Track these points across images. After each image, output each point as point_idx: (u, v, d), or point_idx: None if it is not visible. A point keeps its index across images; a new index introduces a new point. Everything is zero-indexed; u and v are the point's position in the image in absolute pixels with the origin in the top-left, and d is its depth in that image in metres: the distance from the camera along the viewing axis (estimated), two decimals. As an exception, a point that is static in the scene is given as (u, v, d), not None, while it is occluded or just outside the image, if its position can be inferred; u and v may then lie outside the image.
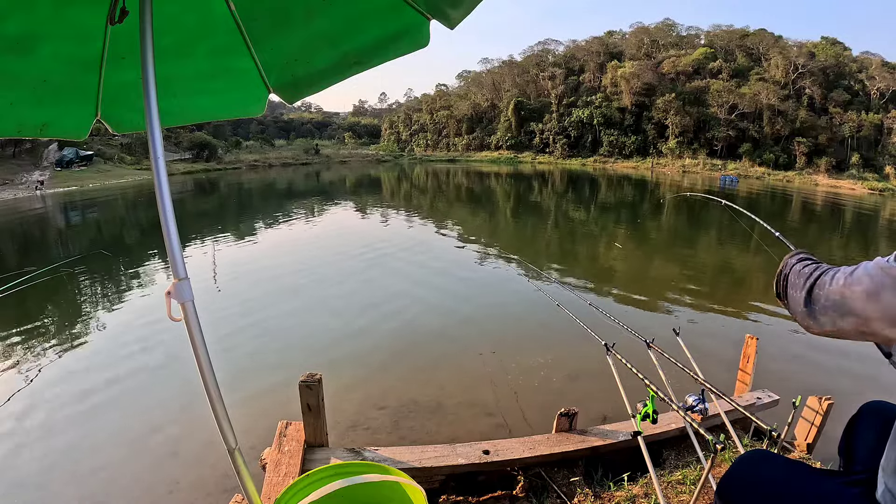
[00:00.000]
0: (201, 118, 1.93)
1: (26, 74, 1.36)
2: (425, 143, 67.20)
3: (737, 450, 2.21)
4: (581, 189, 28.82)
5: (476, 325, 6.10)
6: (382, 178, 36.34)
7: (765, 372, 3.48)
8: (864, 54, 47.72)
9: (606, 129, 51.53)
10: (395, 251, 10.29)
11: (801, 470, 1.09)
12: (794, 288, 0.94)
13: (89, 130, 1.64)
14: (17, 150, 30.39)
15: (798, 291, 0.91)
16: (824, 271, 0.88)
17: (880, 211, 23.49)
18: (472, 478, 2.69)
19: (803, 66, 45.13)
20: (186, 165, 39.80)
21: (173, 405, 4.19)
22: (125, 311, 6.65)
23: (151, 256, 10.01)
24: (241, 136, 60.15)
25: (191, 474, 3.33)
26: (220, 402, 1.18)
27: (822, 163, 40.27)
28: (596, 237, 13.37)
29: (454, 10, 1.35)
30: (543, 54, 61.64)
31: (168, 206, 1.12)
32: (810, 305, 0.87)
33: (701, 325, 6.31)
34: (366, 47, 1.55)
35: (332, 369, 4.55)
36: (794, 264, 0.99)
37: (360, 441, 3.61)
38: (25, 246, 12.36)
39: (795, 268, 0.97)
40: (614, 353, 2.63)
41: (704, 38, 55.53)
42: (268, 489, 2.27)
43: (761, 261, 10.86)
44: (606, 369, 2.65)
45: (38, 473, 3.38)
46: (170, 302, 1.12)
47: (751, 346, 3.32)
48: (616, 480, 2.58)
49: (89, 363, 5.08)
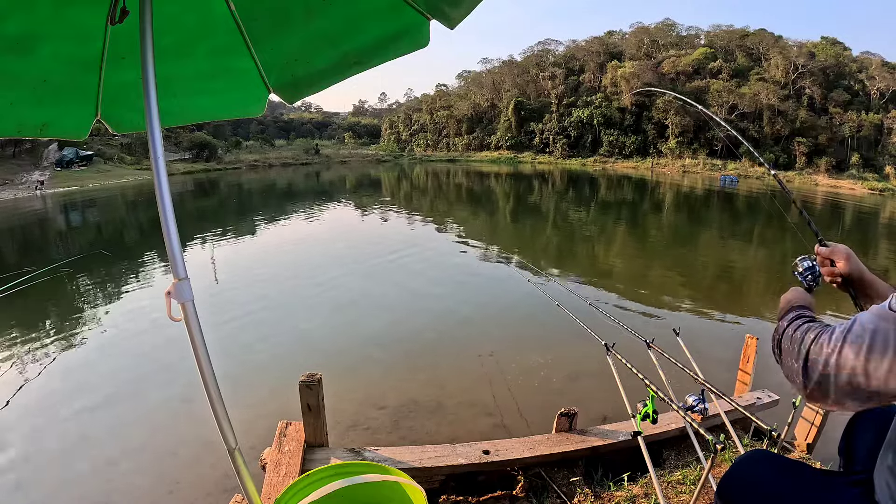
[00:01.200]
0: (201, 118, 1.93)
1: (26, 74, 1.36)
2: (425, 143, 67.17)
3: (737, 450, 2.21)
4: (581, 189, 28.82)
5: (476, 325, 6.10)
6: (382, 179, 36.33)
7: (765, 372, 3.47)
8: (864, 54, 47.73)
9: (606, 129, 51.52)
10: (395, 251, 10.29)
11: (801, 470, 1.09)
12: (788, 356, 0.83)
13: (89, 130, 1.64)
14: (17, 150, 30.39)
15: (794, 361, 0.81)
16: (818, 334, 0.78)
17: (880, 211, 23.50)
18: (472, 478, 2.69)
19: (803, 66, 45.12)
20: (186, 165, 39.79)
21: (173, 405, 4.19)
22: (125, 311, 6.65)
23: (151, 256, 10.01)
24: (241, 136, 60.15)
25: (191, 474, 3.33)
26: (220, 401, 1.18)
27: (822, 163, 40.27)
28: (596, 237, 13.37)
29: (454, 10, 1.35)
30: (543, 54, 61.63)
31: (168, 206, 1.12)
32: (807, 378, 0.77)
33: (701, 324, 6.31)
34: (366, 47, 1.55)
35: (332, 369, 4.55)
36: (785, 327, 0.89)
37: (360, 441, 3.61)
38: (25, 246, 12.36)
39: (787, 332, 0.87)
40: (614, 353, 2.63)
41: (704, 38, 55.52)
42: (268, 489, 2.27)
43: (762, 259, 10.86)
44: (606, 369, 2.65)
45: (38, 474, 3.37)
46: (170, 302, 1.12)
47: (751, 346, 3.32)
48: (616, 480, 2.58)
49: (89, 363, 5.08)
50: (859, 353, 0.69)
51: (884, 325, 0.69)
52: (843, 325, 0.74)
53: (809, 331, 0.81)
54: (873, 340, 0.69)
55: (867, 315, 0.72)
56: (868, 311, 0.73)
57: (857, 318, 0.73)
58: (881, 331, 0.69)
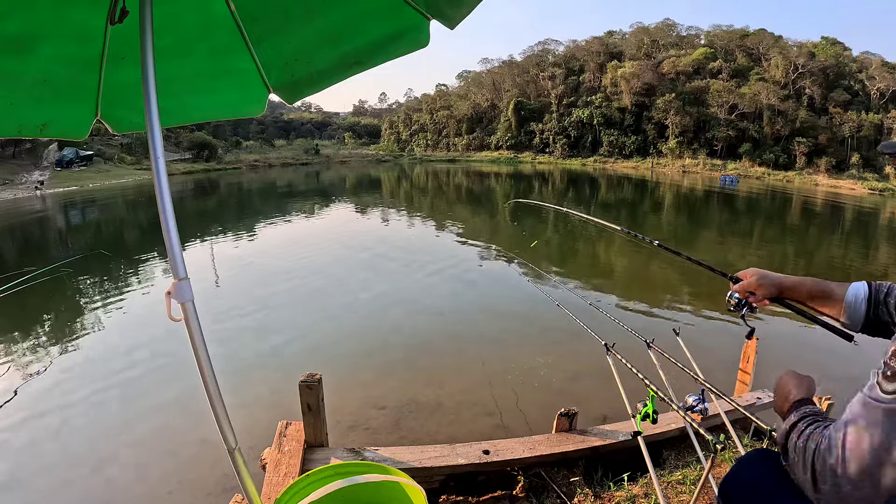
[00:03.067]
0: (201, 118, 1.93)
1: (26, 74, 1.36)
2: (425, 143, 67.16)
3: (737, 450, 2.20)
4: (581, 189, 28.82)
5: (476, 325, 6.10)
6: (382, 178, 36.34)
7: (765, 372, 3.47)
8: (864, 54, 47.74)
9: (606, 129, 51.53)
10: (395, 251, 10.30)
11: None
12: (796, 467, 0.82)
13: (89, 130, 1.64)
14: (17, 150, 30.39)
15: (802, 473, 0.80)
16: (818, 444, 0.78)
17: (880, 211, 23.49)
18: (472, 478, 2.69)
19: (803, 66, 45.12)
20: (186, 165, 39.79)
21: (173, 405, 4.19)
22: (125, 312, 6.65)
23: (151, 256, 10.01)
24: (241, 136, 60.14)
25: (191, 474, 3.33)
26: (220, 401, 1.18)
27: (822, 163, 40.28)
28: (596, 237, 13.36)
29: (454, 10, 1.35)
30: (543, 54, 61.63)
31: (168, 206, 1.12)
32: (818, 491, 0.76)
33: (701, 324, 6.31)
34: (366, 47, 1.55)
35: (332, 369, 4.55)
36: (788, 433, 0.88)
37: (360, 441, 3.61)
38: (25, 246, 12.36)
39: (791, 440, 0.86)
40: (614, 352, 2.63)
41: (704, 38, 55.54)
42: (268, 489, 2.27)
43: (762, 259, 10.86)
44: (606, 369, 2.65)
45: (37, 474, 3.38)
46: (170, 302, 1.12)
47: (751, 346, 3.32)
48: (616, 480, 2.58)
49: (89, 363, 5.08)
50: (862, 465, 0.70)
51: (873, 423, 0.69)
52: (838, 431, 0.74)
53: (810, 439, 0.80)
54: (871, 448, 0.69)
55: (857, 408, 0.73)
56: (857, 404, 0.73)
57: (848, 418, 0.73)
58: (872, 435, 0.69)
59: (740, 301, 1.28)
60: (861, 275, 9.64)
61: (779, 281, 1.22)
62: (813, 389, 1.01)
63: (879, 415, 0.69)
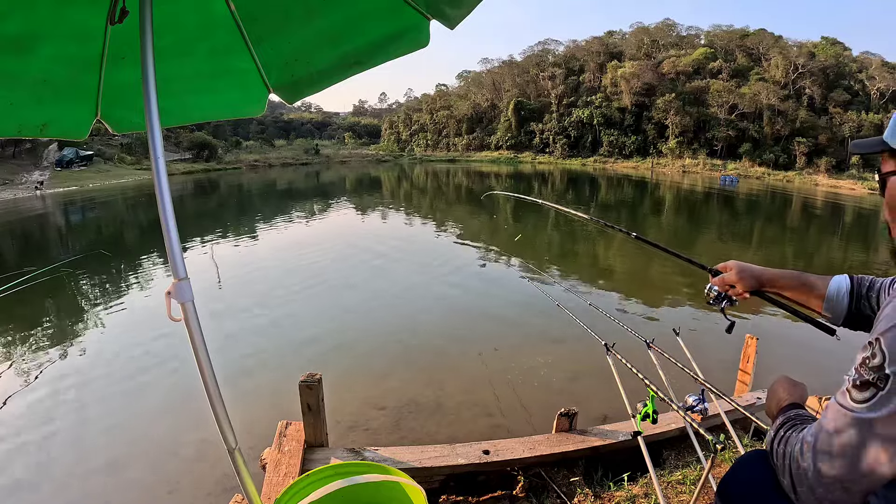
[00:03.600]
0: (201, 118, 1.93)
1: (26, 74, 1.36)
2: (425, 143, 67.18)
3: (737, 450, 2.21)
4: (581, 189, 28.82)
5: (476, 325, 6.09)
6: (382, 178, 36.34)
7: (765, 372, 3.47)
8: (864, 54, 47.79)
9: (606, 129, 51.55)
10: (394, 251, 10.30)
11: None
12: (780, 473, 0.83)
13: (89, 130, 1.64)
14: (17, 150, 30.39)
15: (783, 477, 0.82)
16: (793, 447, 0.79)
17: (880, 211, 23.43)
18: (472, 478, 2.69)
19: (803, 66, 45.14)
20: (186, 165, 39.79)
21: (173, 405, 4.19)
22: (125, 312, 6.65)
23: (151, 256, 10.01)
24: (241, 136, 60.16)
25: (191, 474, 3.33)
26: (220, 401, 1.18)
27: (822, 163, 40.28)
28: (596, 237, 13.36)
29: (454, 10, 1.35)
30: (543, 54, 61.66)
31: (168, 206, 1.12)
32: (797, 495, 0.78)
33: (701, 324, 6.30)
34: (366, 47, 1.55)
35: (333, 369, 4.55)
36: (772, 439, 0.89)
37: (360, 441, 3.61)
38: (25, 246, 12.36)
39: (775, 447, 0.87)
40: (614, 353, 2.63)
41: (704, 38, 55.58)
42: (268, 489, 2.27)
43: (762, 259, 10.85)
44: (606, 369, 2.65)
45: (37, 474, 3.38)
46: (170, 302, 1.12)
47: (751, 346, 3.32)
48: (616, 480, 2.58)
49: (89, 363, 5.08)
50: (832, 471, 0.71)
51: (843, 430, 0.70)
52: (812, 436, 0.75)
53: (788, 443, 0.82)
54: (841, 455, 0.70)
55: (830, 414, 0.73)
56: (830, 409, 0.74)
57: (822, 424, 0.74)
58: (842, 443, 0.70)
59: (720, 294, 1.26)
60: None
61: (759, 273, 1.20)
62: (805, 395, 1.01)
63: (849, 423, 0.70)
